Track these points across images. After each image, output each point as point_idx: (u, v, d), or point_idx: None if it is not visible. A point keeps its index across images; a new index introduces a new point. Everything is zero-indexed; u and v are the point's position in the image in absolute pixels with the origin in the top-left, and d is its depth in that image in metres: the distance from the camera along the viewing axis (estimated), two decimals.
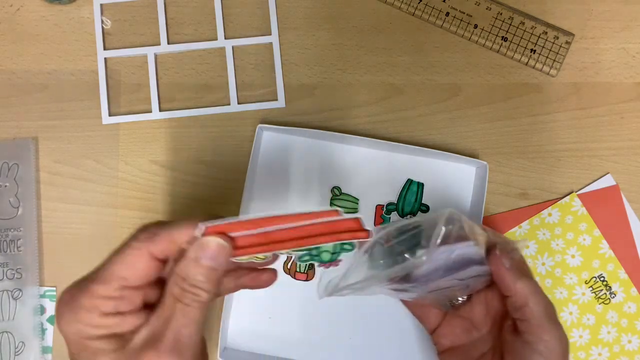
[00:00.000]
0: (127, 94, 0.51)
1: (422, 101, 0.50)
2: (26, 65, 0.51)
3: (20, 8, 0.51)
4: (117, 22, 0.51)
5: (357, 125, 0.50)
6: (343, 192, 0.49)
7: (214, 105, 0.50)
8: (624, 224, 0.49)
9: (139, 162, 0.50)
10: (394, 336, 0.48)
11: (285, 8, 0.51)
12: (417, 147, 0.48)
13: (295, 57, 0.51)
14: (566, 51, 0.50)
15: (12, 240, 0.48)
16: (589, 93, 0.50)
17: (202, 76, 0.51)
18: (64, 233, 0.49)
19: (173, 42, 0.51)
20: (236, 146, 0.50)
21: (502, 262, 0.38)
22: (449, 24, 0.51)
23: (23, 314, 0.48)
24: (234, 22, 0.51)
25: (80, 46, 0.51)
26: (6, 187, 0.49)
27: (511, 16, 0.50)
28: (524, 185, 0.50)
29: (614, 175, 0.50)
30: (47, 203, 0.49)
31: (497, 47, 0.50)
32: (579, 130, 0.50)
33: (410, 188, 0.49)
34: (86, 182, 0.50)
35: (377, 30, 0.51)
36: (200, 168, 0.50)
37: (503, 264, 0.38)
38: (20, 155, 0.49)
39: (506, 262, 0.38)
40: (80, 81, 0.51)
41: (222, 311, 0.46)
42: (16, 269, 0.48)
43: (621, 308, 0.48)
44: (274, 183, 0.49)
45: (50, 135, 0.50)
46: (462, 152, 0.49)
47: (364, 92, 0.51)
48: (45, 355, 0.48)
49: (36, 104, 0.50)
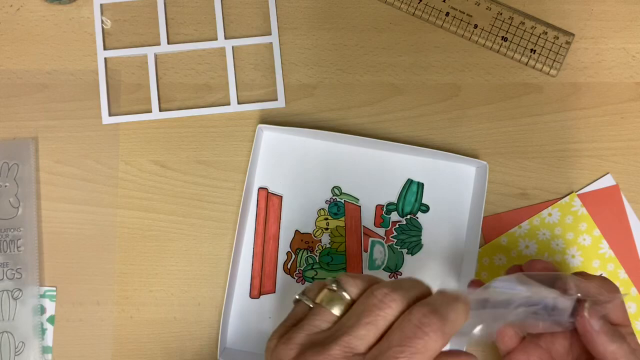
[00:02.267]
0: (127, 94, 0.51)
1: (422, 101, 0.51)
2: (26, 65, 0.51)
3: (20, 8, 0.51)
4: (117, 22, 0.51)
5: (357, 125, 0.50)
6: (343, 192, 0.49)
7: (214, 105, 0.50)
8: (624, 224, 0.49)
9: (139, 162, 0.50)
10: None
11: (285, 8, 0.51)
12: (417, 147, 0.48)
13: (295, 57, 0.51)
14: (566, 51, 0.50)
15: (12, 240, 0.48)
16: (589, 93, 0.50)
17: (202, 76, 0.51)
18: (64, 233, 0.49)
19: (173, 42, 0.51)
20: (236, 146, 0.50)
21: (591, 324, 0.34)
22: (449, 24, 0.51)
23: (23, 314, 0.48)
24: (234, 22, 0.51)
25: (80, 46, 0.51)
26: (6, 187, 0.49)
27: (511, 16, 0.50)
28: (524, 185, 0.50)
29: (614, 175, 0.50)
30: (47, 203, 0.49)
31: (497, 47, 0.50)
32: (579, 130, 0.50)
33: (410, 188, 0.49)
34: (86, 182, 0.50)
35: (377, 30, 0.51)
36: (200, 168, 0.50)
37: (592, 326, 0.34)
38: (20, 155, 0.49)
39: (595, 324, 0.34)
40: (80, 81, 0.51)
41: (222, 311, 0.46)
42: (16, 269, 0.48)
43: None
44: (274, 183, 0.49)
45: (50, 135, 0.50)
46: (462, 152, 0.49)
47: (364, 92, 0.51)
48: (45, 355, 0.48)
49: (36, 104, 0.50)
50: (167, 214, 0.49)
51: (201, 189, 0.50)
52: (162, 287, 0.49)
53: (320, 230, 0.49)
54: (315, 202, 0.49)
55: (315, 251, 0.49)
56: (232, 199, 0.49)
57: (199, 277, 0.49)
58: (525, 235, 0.49)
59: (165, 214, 0.49)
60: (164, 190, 0.50)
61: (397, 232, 0.49)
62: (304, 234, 0.49)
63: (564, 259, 0.49)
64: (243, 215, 0.48)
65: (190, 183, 0.50)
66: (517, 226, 0.49)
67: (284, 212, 0.49)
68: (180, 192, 0.50)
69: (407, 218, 0.49)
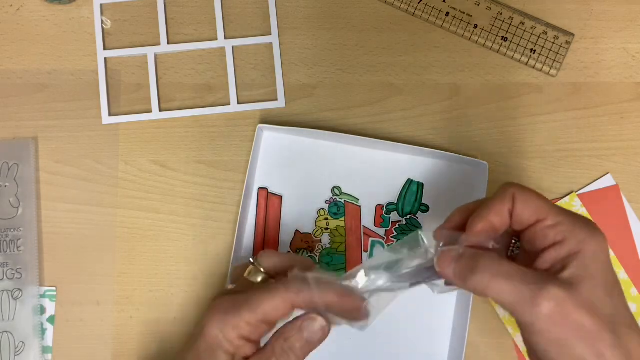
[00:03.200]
0: (127, 94, 0.51)
1: (422, 101, 0.51)
2: (26, 65, 0.51)
3: (20, 8, 0.51)
4: (117, 22, 0.51)
5: (357, 125, 0.50)
6: (343, 192, 0.49)
7: (214, 105, 0.50)
8: (624, 224, 0.49)
9: (139, 162, 0.50)
10: (394, 336, 0.48)
11: (285, 8, 0.51)
12: (417, 147, 0.48)
13: (295, 57, 0.51)
14: (566, 51, 0.50)
15: (12, 240, 0.48)
16: (589, 93, 0.50)
17: (202, 76, 0.51)
18: (64, 233, 0.49)
19: (173, 42, 0.51)
20: (236, 146, 0.50)
21: (446, 274, 0.35)
22: (449, 24, 0.51)
23: (23, 314, 0.48)
24: (234, 22, 0.51)
25: (80, 46, 0.51)
26: (6, 187, 0.49)
27: (511, 16, 0.50)
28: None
29: (614, 175, 0.50)
30: (47, 203, 0.49)
31: (497, 47, 0.50)
32: (579, 130, 0.50)
33: (410, 188, 0.49)
34: (86, 182, 0.50)
35: (377, 30, 0.51)
36: (200, 168, 0.50)
37: (447, 276, 0.35)
38: (20, 155, 0.49)
39: (449, 272, 0.34)
40: (80, 81, 0.51)
41: None
42: (16, 269, 0.48)
43: None
44: (274, 183, 0.49)
45: (50, 135, 0.50)
46: (462, 152, 0.49)
47: (364, 92, 0.51)
48: (45, 355, 0.48)
49: (36, 104, 0.50)
50: (167, 214, 0.49)
51: (201, 189, 0.50)
52: (162, 287, 0.49)
53: (320, 230, 0.49)
54: (315, 202, 0.49)
55: (315, 251, 0.49)
56: (232, 199, 0.49)
57: (199, 277, 0.49)
58: None
59: (165, 214, 0.49)
60: (164, 190, 0.50)
61: (397, 232, 0.49)
62: (304, 234, 0.49)
63: None
64: (243, 215, 0.48)
65: (190, 183, 0.50)
66: None
67: (284, 212, 0.49)
68: (180, 192, 0.50)
69: (407, 218, 0.49)
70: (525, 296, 0.31)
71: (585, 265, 0.32)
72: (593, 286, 0.31)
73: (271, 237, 0.49)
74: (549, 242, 0.33)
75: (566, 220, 0.33)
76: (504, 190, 0.35)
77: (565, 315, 0.30)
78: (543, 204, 0.34)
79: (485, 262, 0.33)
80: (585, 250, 0.32)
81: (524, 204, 0.34)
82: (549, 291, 0.30)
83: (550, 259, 0.33)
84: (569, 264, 0.32)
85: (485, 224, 0.35)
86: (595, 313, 0.31)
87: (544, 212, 0.34)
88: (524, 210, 0.34)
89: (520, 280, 0.31)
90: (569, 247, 0.32)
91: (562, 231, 0.33)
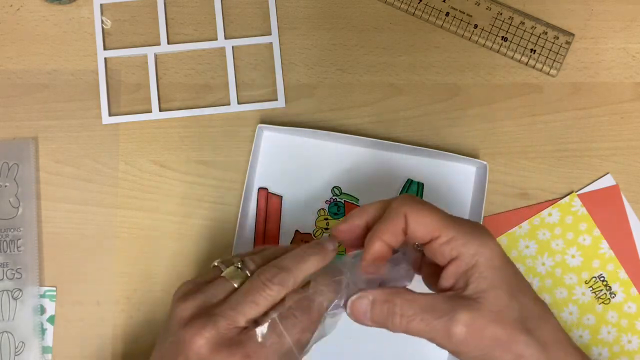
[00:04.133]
0: (127, 94, 0.51)
1: (422, 101, 0.51)
2: (26, 65, 0.51)
3: (20, 8, 0.51)
4: (117, 22, 0.51)
5: (357, 125, 0.50)
6: (343, 192, 0.49)
7: (214, 105, 0.50)
8: (624, 224, 0.49)
9: (139, 162, 0.50)
10: (394, 337, 0.48)
11: (285, 8, 0.51)
12: (417, 147, 0.48)
13: (295, 57, 0.51)
14: (566, 51, 0.50)
15: (12, 240, 0.48)
16: (589, 93, 0.50)
17: (202, 76, 0.51)
18: (64, 233, 0.49)
19: (173, 42, 0.51)
20: (236, 146, 0.50)
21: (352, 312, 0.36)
22: (449, 24, 0.51)
23: (23, 314, 0.48)
24: (234, 22, 0.51)
25: (80, 46, 0.51)
26: (6, 187, 0.49)
27: (511, 16, 0.50)
28: (524, 185, 0.50)
29: (614, 175, 0.50)
30: (47, 203, 0.49)
31: (497, 47, 0.50)
32: (579, 130, 0.50)
33: (410, 188, 0.49)
34: (86, 182, 0.50)
35: (377, 30, 0.51)
36: (200, 168, 0.50)
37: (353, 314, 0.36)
38: (20, 155, 0.49)
39: (363, 316, 0.36)
40: (80, 81, 0.51)
41: None
42: (16, 269, 0.48)
43: (621, 308, 0.48)
44: (274, 183, 0.49)
45: (50, 135, 0.50)
46: (462, 152, 0.49)
47: (364, 92, 0.51)
48: (45, 355, 0.48)
49: (36, 104, 0.50)
50: (167, 214, 0.49)
51: (201, 189, 0.50)
52: (162, 287, 0.49)
53: (320, 230, 0.49)
54: (315, 202, 0.49)
55: None
56: (232, 199, 0.49)
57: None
58: (525, 235, 0.49)
59: (165, 214, 0.49)
60: (164, 190, 0.50)
61: None
62: (304, 234, 0.49)
63: (564, 259, 0.49)
64: (243, 215, 0.48)
65: (190, 183, 0.50)
66: (517, 226, 0.49)
67: (284, 212, 0.49)
68: (180, 192, 0.50)
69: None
70: (440, 329, 0.33)
71: (484, 276, 0.33)
72: (496, 295, 0.33)
73: (271, 237, 0.49)
74: (446, 259, 0.34)
75: (458, 235, 0.34)
76: (396, 209, 0.35)
77: (479, 333, 0.32)
78: (436, 220, 0.35)
79: (397, 308, 0.34)
80: (480, 262, 0.34)
81: (416, 223, 0.35)
82: (458, 319, 0.32)
83: (452, 275, 0.34)
84: (469, 279, 0.33)
85: (380, 244, 0.36)
86: (504, 321, 0.33)
87: (437, 229, 0.34)
88: (416, 229, 0.35)
89: (432, 315, 0.33)
90: (465, 261, 0.34)
91: (455, 247, 0.34)
